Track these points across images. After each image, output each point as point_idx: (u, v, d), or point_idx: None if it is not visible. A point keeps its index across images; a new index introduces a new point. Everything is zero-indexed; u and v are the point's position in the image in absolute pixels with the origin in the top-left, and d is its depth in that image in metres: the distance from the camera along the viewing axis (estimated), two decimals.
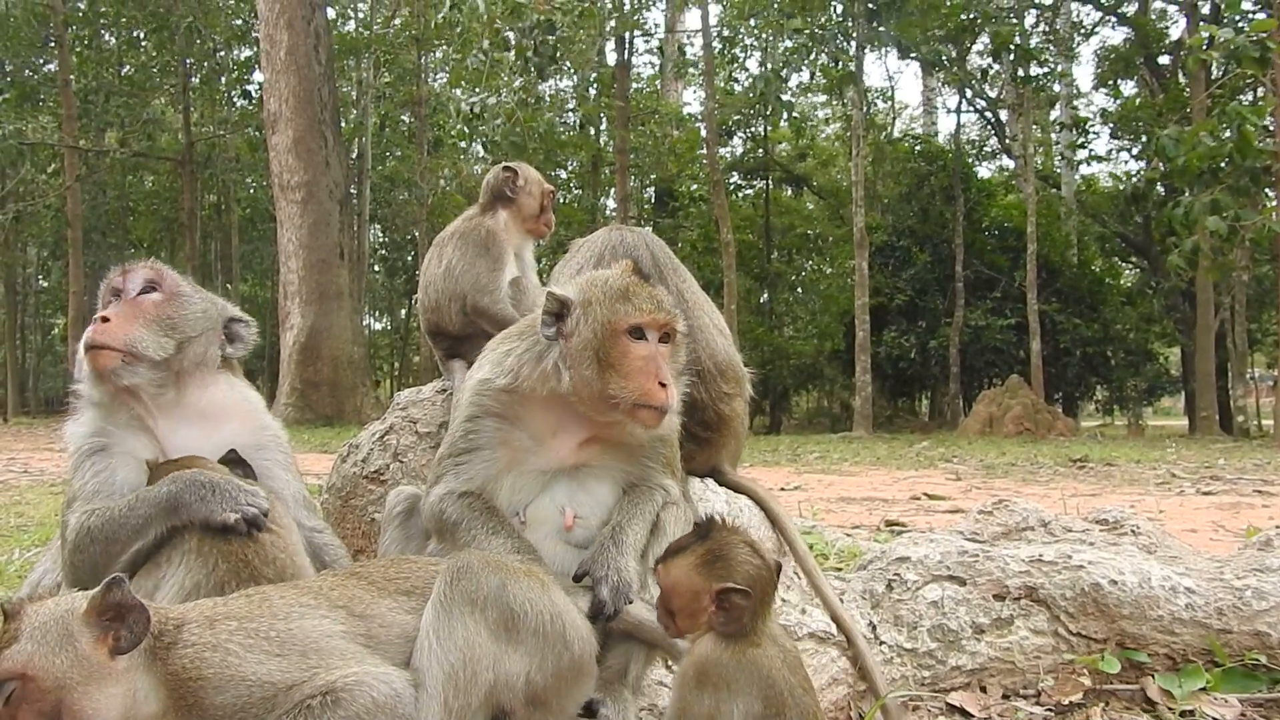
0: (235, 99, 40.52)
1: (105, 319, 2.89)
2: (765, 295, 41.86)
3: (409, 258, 45.22)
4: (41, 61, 39.07)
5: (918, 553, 3.67)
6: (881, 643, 3.39)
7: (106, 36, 38.62)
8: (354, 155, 37.21)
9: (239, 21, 37.87)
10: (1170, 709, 3.24)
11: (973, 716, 3.23)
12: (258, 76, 35.13)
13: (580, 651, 2.37)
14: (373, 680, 2.11)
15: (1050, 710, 3.29)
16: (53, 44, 35.05)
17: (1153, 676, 3.41)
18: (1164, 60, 35.10)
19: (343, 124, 31.05)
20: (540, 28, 20.92)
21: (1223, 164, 17.70)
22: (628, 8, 30.34)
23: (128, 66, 39.03)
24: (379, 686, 2.11)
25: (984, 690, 3.39)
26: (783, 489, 10.84)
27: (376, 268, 46.55)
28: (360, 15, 41.18)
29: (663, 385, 2.72)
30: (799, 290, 44.27)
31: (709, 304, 3.71)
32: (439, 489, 2.86)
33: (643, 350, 2.74)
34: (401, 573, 2.43)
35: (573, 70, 35.44)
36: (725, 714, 2.27)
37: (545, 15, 20.66)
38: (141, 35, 36.61)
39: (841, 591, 3.53)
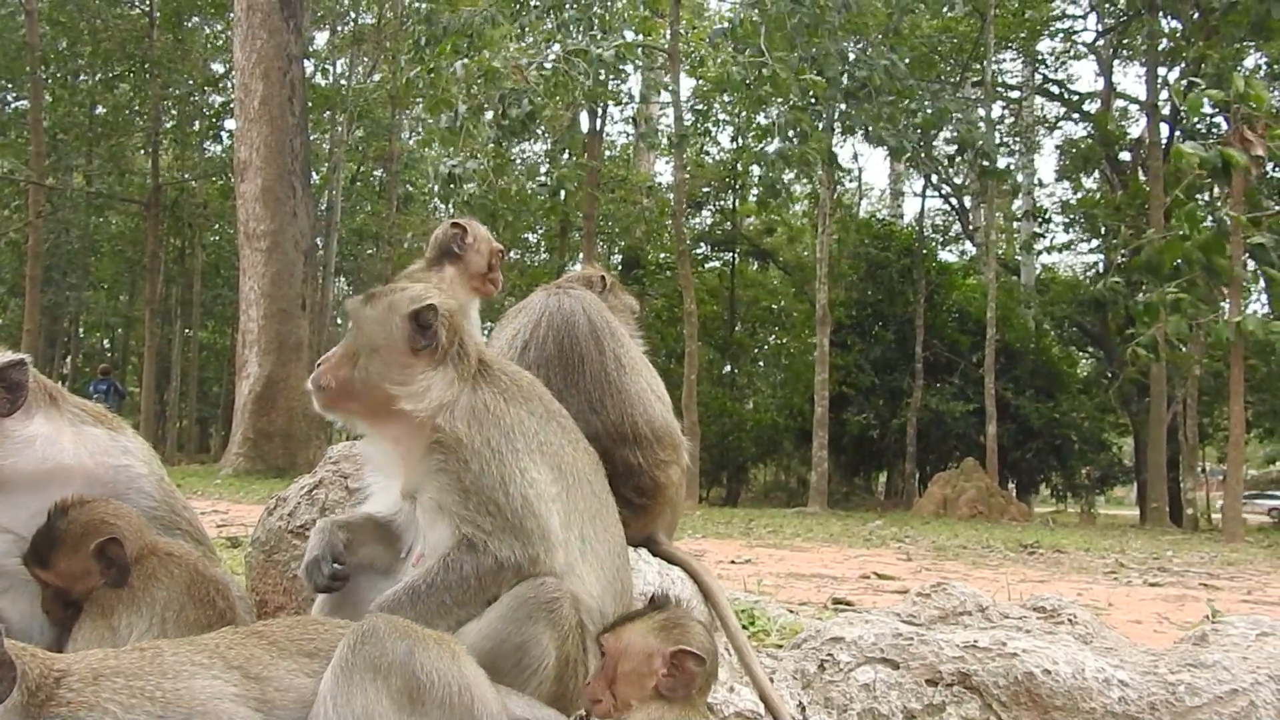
0: (206, 145, 40.55)
1: None
2: (728, 366, 42.04)
3: None
4: (13, 97, 38.99)
5: (852, 633, 3.60)
6: None
7: (82, 76, 38.63)
8: (323, 208, 37.24)
9: (217, 67, 38.04)
10: None
11: None
12: (230, 124, 35.21)
13: None
14: None
15: None
16: (25, 80, 34.98)
17: None
18: (1125, 157, 36.00)
19: (314, 176, 31.09)
20: (511, 96, 21.13)
21: (1179, 263, 18.10)
22: (602, 76, 30.79)
23: (100, 107, 38.99)
24: None
25: None
26: (733, 562, 10.75)
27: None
28: (338, 70, 41.49)
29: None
30: (761, 364, 44.52)
31: (649, 369, 3.68)
32: None
33: None
34: (306, 633, 2.32)
35: (546, 135, 35.80)
36: None
37: (517, 84, 20.88)
38: (115, 76, 36.58)
39: (772, 671, 3.46)
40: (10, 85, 38.59)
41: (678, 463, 3.62)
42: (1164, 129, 31.02)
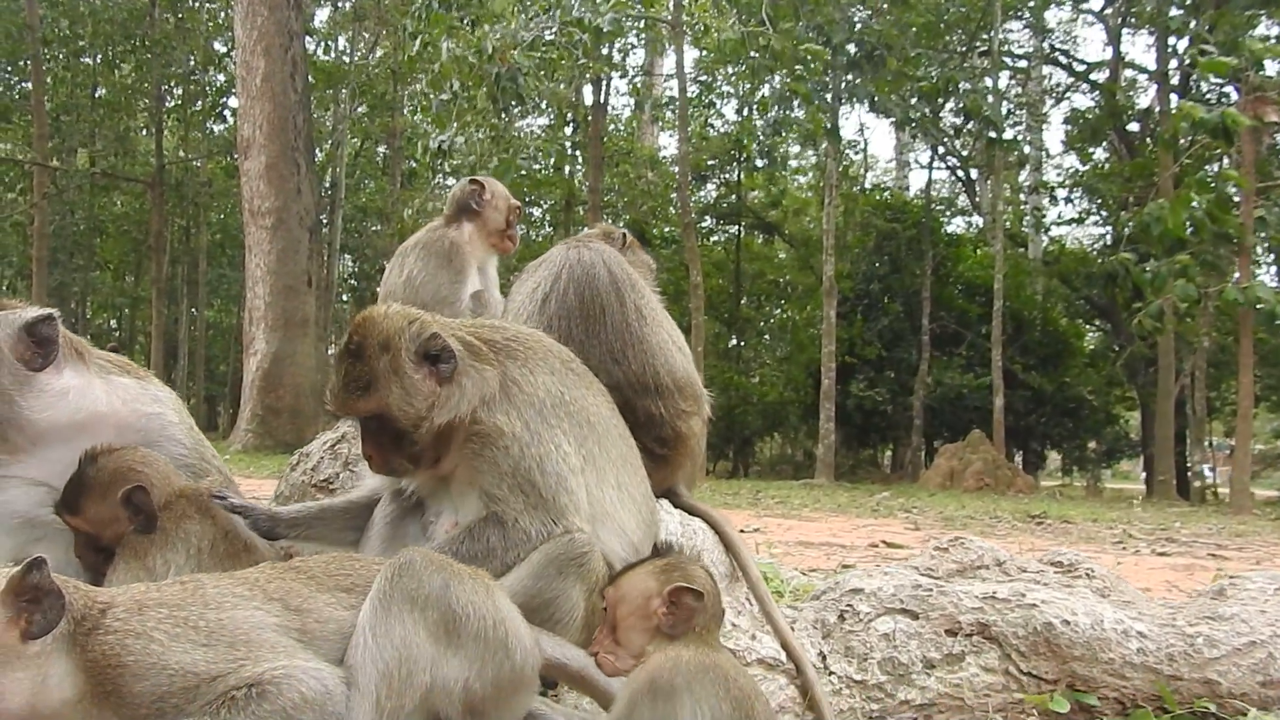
0: (209, 123, 40.44)
1: None
2: (734, 340, 42.00)
3: (377, 288, 45.00)
4: (15, 80, 38.88)
5: (871, 585, 3.63)
6: (831, 673, 3.33)
7: (84, 57, 38.49)
8: (327, 185, 37.16)
9: (218, 46, 37.89)
10: None
11: None
12: (233, 102, 35.09)
13: (522, 662, 2.30)
14: (302, 675, 2.04)
15: None
16: (27, 62, 34.87)
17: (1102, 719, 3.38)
18: (1133, 127, 35.77)
19: (318, 153, 31.02)
20: (506, 74, 20.99)
21: (1189, 233, 17.98)
22: (605, 53, 30.62)
23: (102, 88, 38.88)
24: (308, 681, 2.04)
25: None
26: (742, 530, 10.76)
27: (345, 297, 46.33)
28: (340, 46, 41.30)
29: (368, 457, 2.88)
30: (767, 337, 44.47)
31: (669, 321, 3.68)
32: None
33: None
34: (343, 569, 2.36)
35: (548, 108, 35.65)
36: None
37: (507, 62, 20.74)
38: (117, 56, 36.43)
39: (793, 620, 3.48)
40: (11, 68, 38.48)
41: (699, 414, 3.63)
42: (1174, 99, 30.79)
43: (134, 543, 2.67)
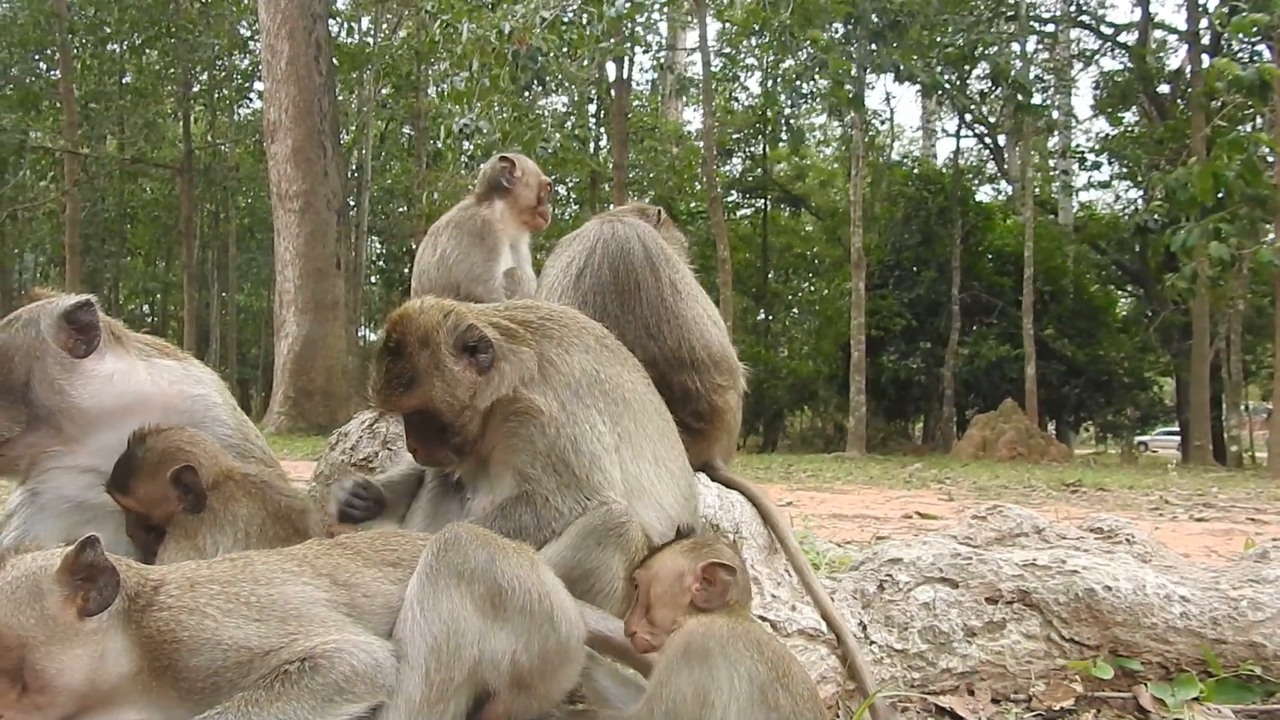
0: (236, 107, 40.60)
1: None
2: (762, 314, 41.90)
3: (405, 270, 45.22)
4: (44, 68, 39.19)
5: (910, 554, 3.62)
6: (871, 642, 3.34)
7: (110, 44, 38.73)
8: (354, 167, 37.28)
9: (242, 30, 37.99)
10: (1163, 718, 3.20)
11: (962, 719, 3.18)
12: (258, 85, 35.23)
13: (567, 634, 2.32)
14: (352, 648, 2.07)
15: (1041, 715, 3.24)
16: (55, 50, 35.12)
17: (1145, 685, 3.36)
18: (1163, 89, 35.25)
19: (343, 135, 31.10)
20: (526, 54, 20.93)
21: (1220, 195, 17.69)
22: (627, 31, 30.41)
23: (129, 74, 39.12)
24: (359, 655, 2.07)
25: (973, 693, 3.34)
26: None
27: (374, 279, 46.55)
28: (363, 28, 41.34)
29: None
30: (795, 310, 44.33)
31: (703, 295, 3.68)
32: None
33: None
34: (388, 545, 2.39)
35: (571, 87, 35.54)
36: (721, 683, 2.18)
37: (527, 43, 20.66)
38: (143, 42, 36.61)
39: (832, 590, 3.48)
40: (40, 56, 38.77)
41: (735, 388, 3.62)
42: (1205, 60, 30.30)
43: (184, 522, 2.71)
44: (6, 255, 42.27)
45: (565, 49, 24.58)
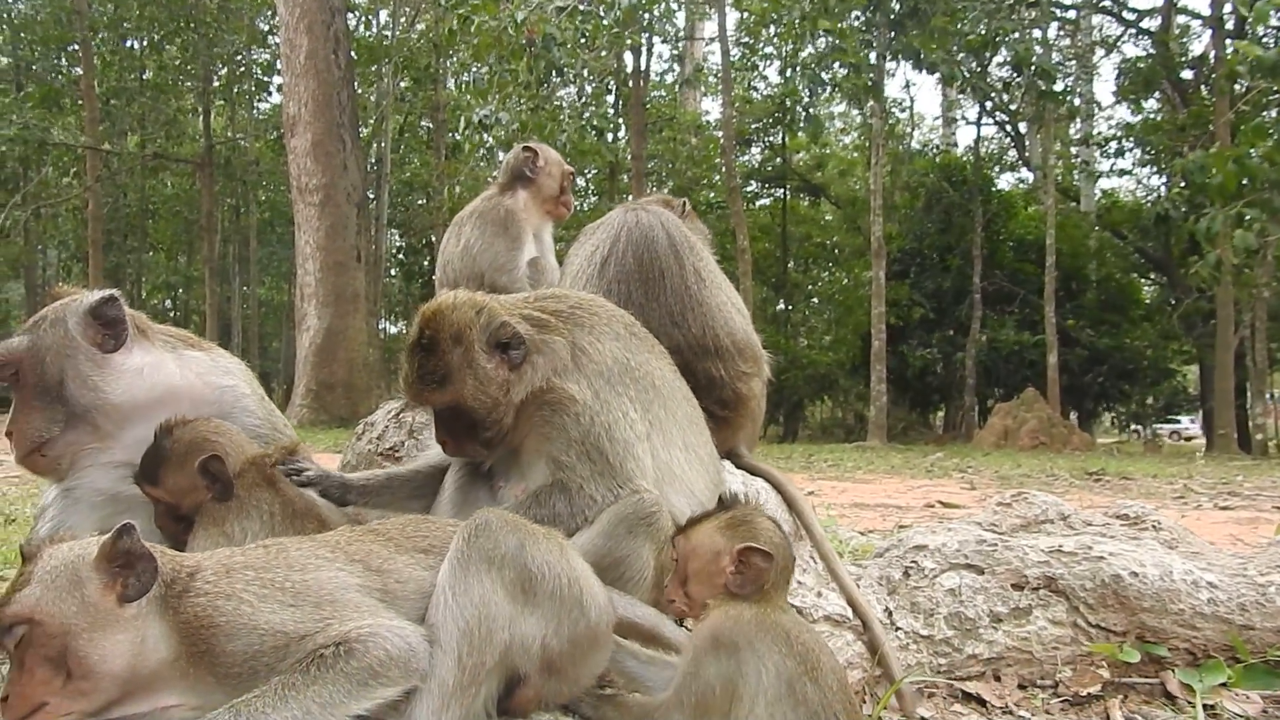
0: (255, 102, 40.75)
1: (9, 431, 2.96)
2: (781, 304, 41.81)
3: (425, 262, 45.36)
4: (65, 65, 39.43)
5: (935, 541, 3.62)
6: (897, 629, 3.34)
7: (129, 42, 38.95)
8: (373, 160, 37.38)
9: (261, 25, 38.13)
10: (1190, 703, 3.19)
11: (989, 705, 3.18)
12: (278, 80, 35.34)
13: (597, 620, 2.33)
14: (386, 633, 2.09)
15: (1068, 701, 3.24)
16: (77, 48, 35.33)
17: (1173, 670, 3.36)
18: (1187, 75, 34.90)
19: (362, 129, 31.18)
20: (541, 45, 20.91)
21: (1244, 181, 17.51)
22: (644, 21, 30.30)
23: (149, 70, 39.33)
24: (393, 639, 2.09)
25: (1000, 679, 3.34)
26: None
27: (394, 272, 46.66)
28: (381, 21, 41.40)
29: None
30: (815, 300, 44.22)
31: (727, 283, 3.68)
32: None
33: None
34: (419, 531, 2.41)
35: (589, 78, 35.50)
36: (749, 676, 2.18)
37: (541, 34, 20.63)
38: (162, 38, 36.79)
39: (858, 577, 3.49)
40: (61, 54, 39.02)
41: (759, 375, 3.63)
42: (1229, 45, 29.97)
43: (212, 511, 2.74)
44: (30, 252, 42.59)
45: (582, 39, 24.55)
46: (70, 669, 2.02)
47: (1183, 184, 22.00)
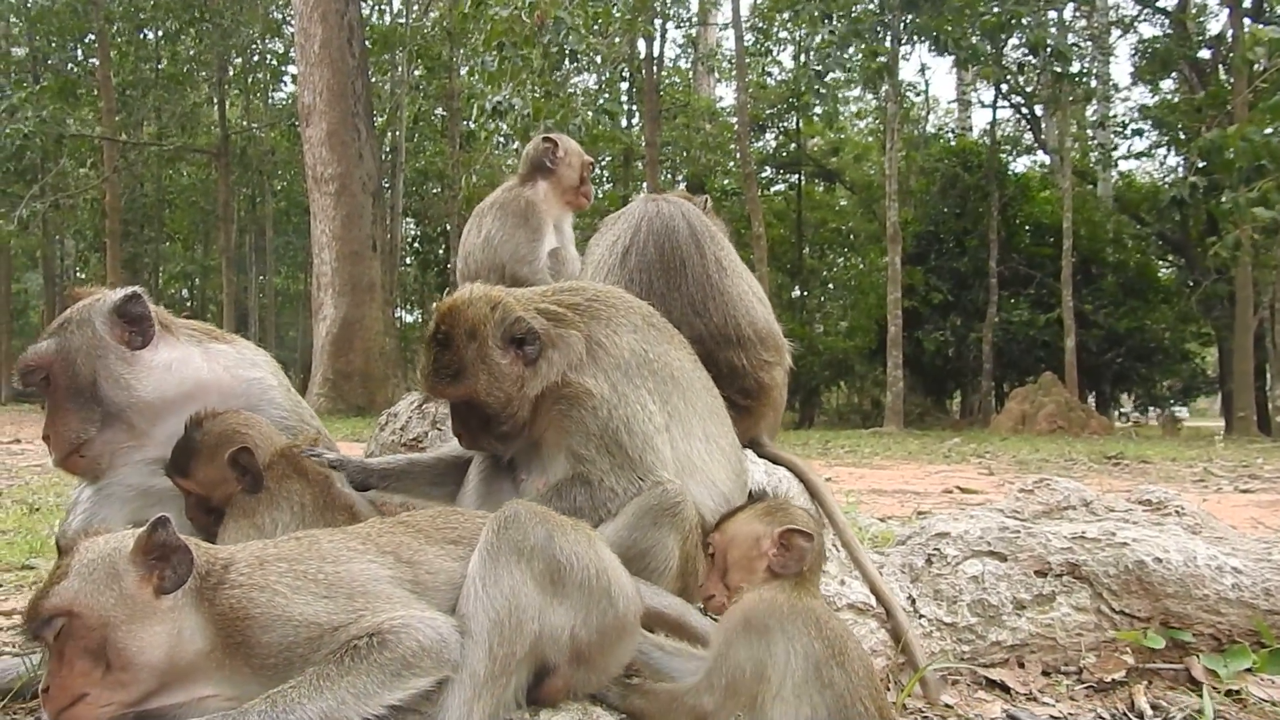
0: (270, 92, 40.80)
1: (46, 435, 2.99)
2: (797, 290, 41.71)
3: (440, 251, 45.41)
4: (81, 56, 39.55)
5: (957, 528, 3.63)
6: (920, 616, 3.35)
7: (145, 33, 39.04)
8: (388, 149, 37.41)
9: (275, 14, 38.17)
10: (1215, 689, 3.19)
11: (1013, 692, 3.19)
12: (292, 69, 35.39)
13: (625, 610, 2.36)
14: (419, 624, 2.12)
15: (1092, 687, 3.25)
16: (93, 38, 35.44)
17: (1197, 656, 3.36)
18: (1204, 55, 34.58)
19: (377, 118, 31.20)
20: (548, 30, 20.88)
21: (1265, 161, 17.39)
22: (658, 7, 30.21)
23: (165, 61, 39.43)
24: (425, 630, 2.12)
25: (1023, 666, 3.35)
26: None
27: (409, 261, 46.73)
28: (394, 9, 41.39)
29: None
30: (831, 286, 44.11)
31: (748, 273, 3.69)
32: None
33: None
34: (449, 522, 2.44)
35: (603, 64, 35.43)
36: (778, 659, 2.20)
37: (552, 17, 20.58)
38: (179, 29, 36.88)
39: (880, 565, 3.50)
40: (78, 45, 39.15)
41: (781, 364, 3.64)
42: (1246, 25, 29.69)
43: (242, 503, 2.77)
44: (48, 243, 42.81)
45: (595, 25, 24.50)
46: (109, 660, 2.05)
47: (1200, 165, 21.82)
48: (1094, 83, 32.92)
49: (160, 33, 38.72)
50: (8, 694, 2.75)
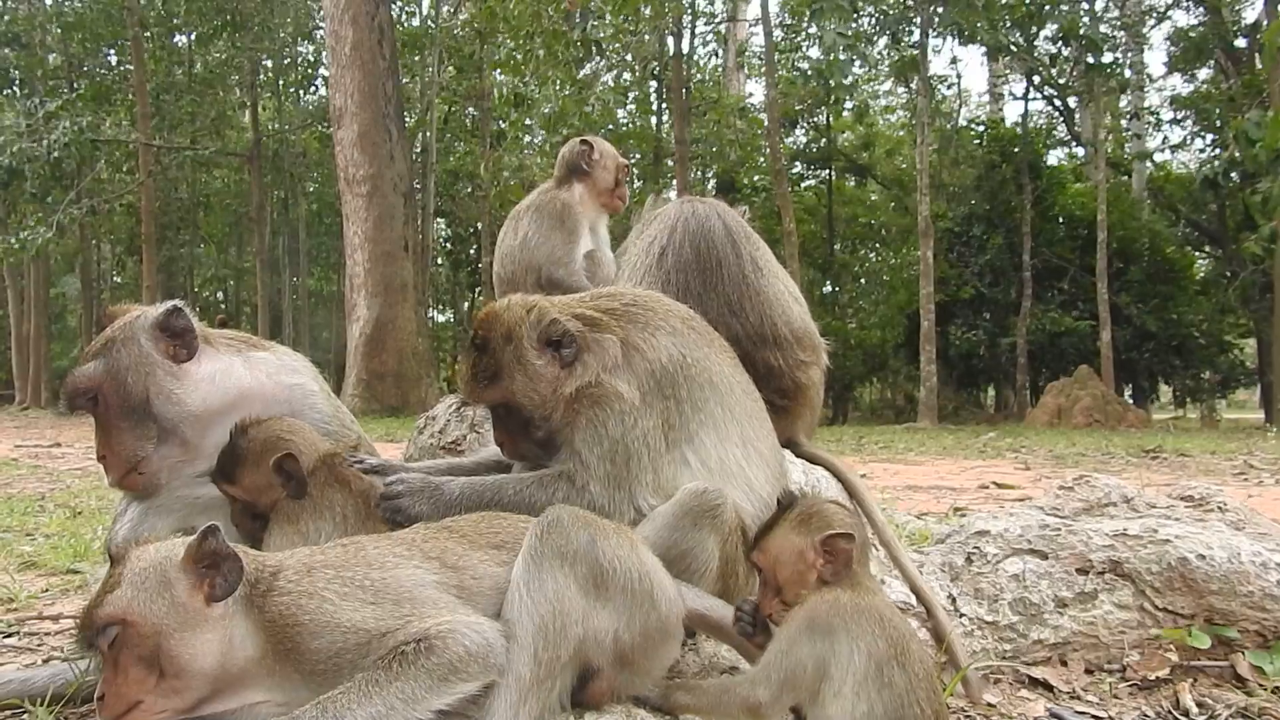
0: (302, 94, 41.09)
1: (102, 456, 3.00)
2: (829, 286, 41.55)
3: (472, 250, 45.59)
4: (115, 61, 40.00)
5: (997, 526, 3.61)
6: (961, 615, 3.34)
7: (178, 38, 39.44)
8: (418, 150, 37.59)
9: (305, 17, 38.44)
10: (1262, 686, 3.16)
11: (1055, 690, 3.18)
12: (323, 72, 35.64)
13: (667, 612, 2.37)
14: (465, 629, 2.14)
15: (1136, 685, 3.22)
16: (127, 43, 35.82)
17: (1243, 653, 3.33)
18: (1240, 43, 34.13)
19: (407, 118, 31.36)
20: (573, 18, 20.94)
21: None
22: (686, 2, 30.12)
23: (198, 65, 39.81)
24: (471, 635, 2.13)
25: (1066, 664, 3.33)
26: None
27: (440, 261, 46.93)
28: (424, 10, 41.58)
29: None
30: (863, 281, 43.90)
31: (784, 272, 3.69)
32: None
33: None
34: (492, 528, 2.46)
35: (632, 60, 35.42)
36: (841, 656, 2.20)
37: (582, 5, 20.63)
38: (212, 33, 37.22)
39: (920, 564, 3.49)
40: (113, 50, 39.60)
41: (817, 364, 3.64)
42: None
43: (287, 508, 2.80)
44: (86, 247, 43.33)
45: (623, 18, 24.52)
46: (163, 668, 2.09)
47: (1230, 148, 21.52)
48: (1128, 73, 32.56)
49: (193, 37, 39.09)
50: (61, 699, 2.80)
